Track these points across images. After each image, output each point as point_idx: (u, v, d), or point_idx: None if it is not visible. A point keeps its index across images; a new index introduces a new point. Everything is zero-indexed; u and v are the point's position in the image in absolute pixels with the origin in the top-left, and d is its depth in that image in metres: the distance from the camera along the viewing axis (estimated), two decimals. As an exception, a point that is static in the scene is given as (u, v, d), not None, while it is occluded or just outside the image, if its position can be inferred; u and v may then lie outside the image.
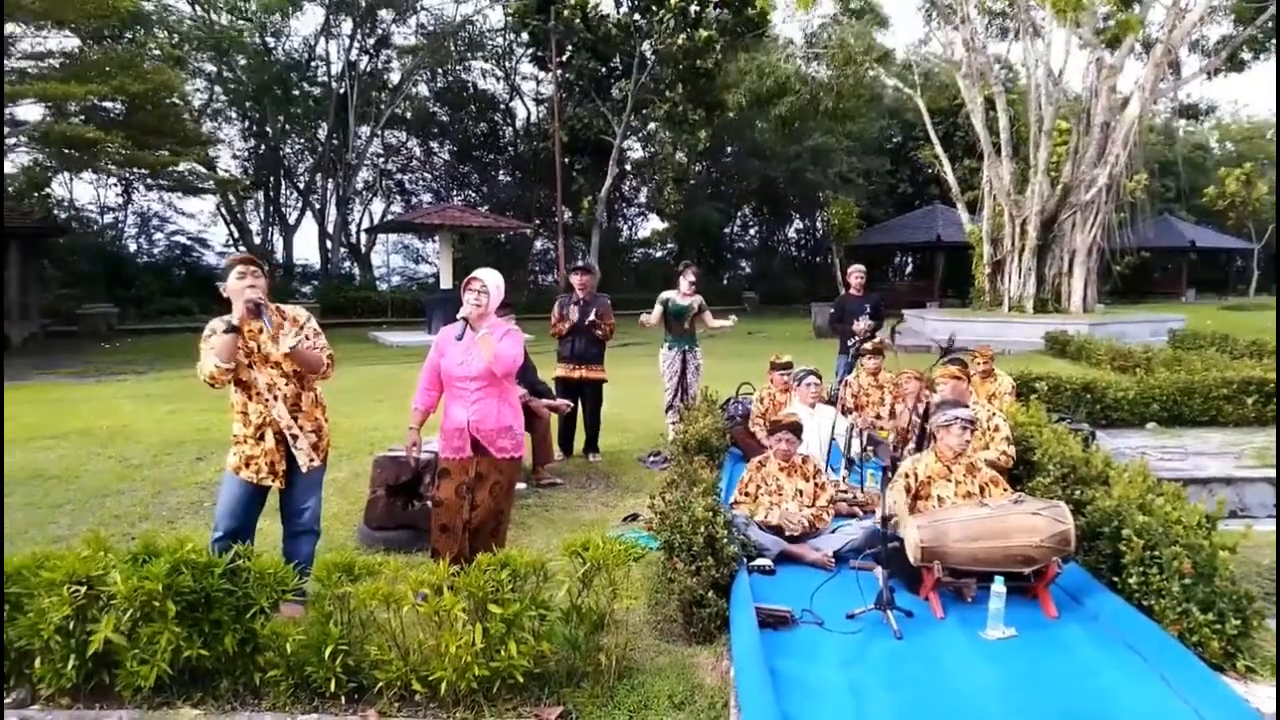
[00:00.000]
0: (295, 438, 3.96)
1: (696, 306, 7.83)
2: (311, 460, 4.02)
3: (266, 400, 3.91)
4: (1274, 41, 22.43)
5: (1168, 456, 7.22)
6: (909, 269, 41.15)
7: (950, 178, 22.35)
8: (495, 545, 3.89)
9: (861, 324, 8.52)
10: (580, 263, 8.48)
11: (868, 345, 7.70)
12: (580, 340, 7.33)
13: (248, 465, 3.96)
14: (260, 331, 3.91)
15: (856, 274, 9.29)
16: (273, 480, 3.97)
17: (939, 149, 22.42)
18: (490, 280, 4.23)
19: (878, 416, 7.21)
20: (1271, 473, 6.63)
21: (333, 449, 7.88)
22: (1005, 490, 4.49)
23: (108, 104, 20.35)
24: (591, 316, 7.28)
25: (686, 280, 7.84)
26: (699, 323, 7.94)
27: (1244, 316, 23.63)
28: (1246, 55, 22.85)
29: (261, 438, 3.95)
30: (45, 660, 3.27)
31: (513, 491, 4.36)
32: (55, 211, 25.05)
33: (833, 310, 9.60)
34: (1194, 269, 37.42)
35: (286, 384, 3.96)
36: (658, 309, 7.88)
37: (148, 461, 7.40)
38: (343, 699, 3.27)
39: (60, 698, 3.30)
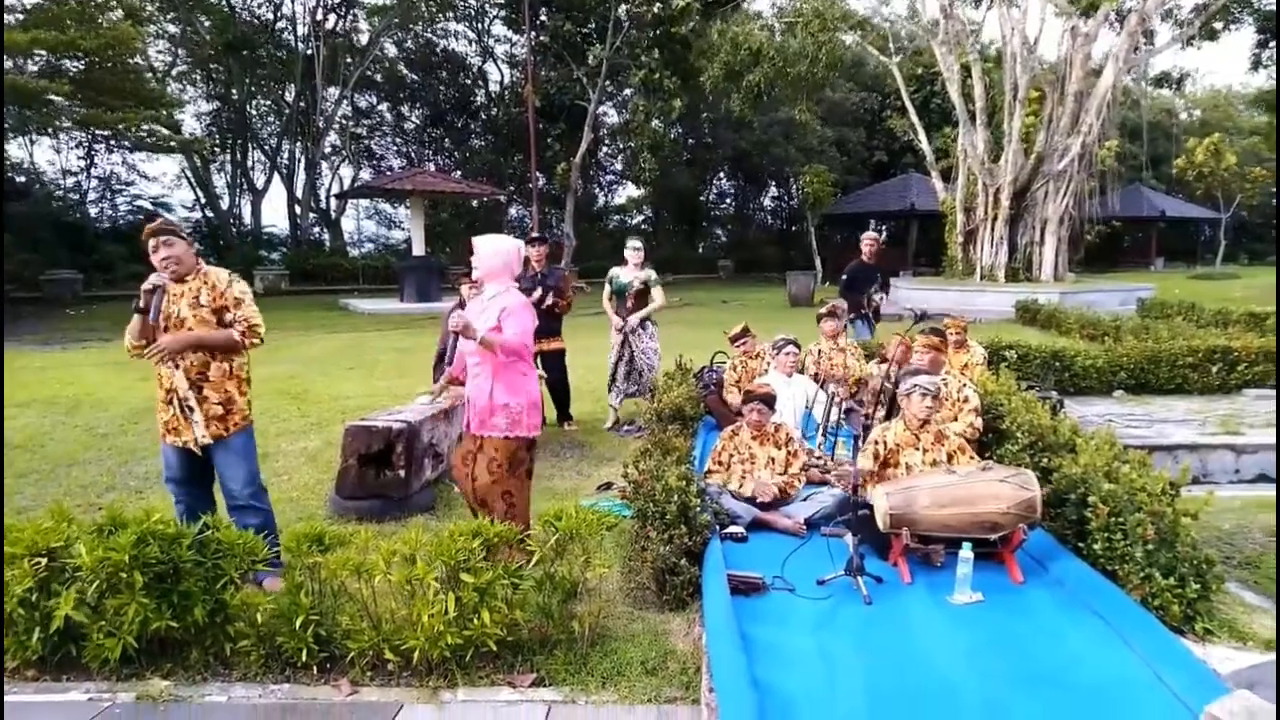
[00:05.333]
0: (191, 409, 3.86)
1: (639, 283, 7.38)
2: (204, 436, 3.88)
3: (170, 365, 3.83)
4: (1246, 11, 22.57)
5: (1134, 424, 7.33)
6: (883, 237, 41.23)
7: (925, 146, 22.38)
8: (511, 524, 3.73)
9: (875, 296, 8.48)
10: (534, 234, 8.19)
11: (823, 309, 7.66)
12: (537, 314, 7.16)
13: (166, 430, 3.93)
14: (181, 297, 3.84)
15: (870, 241, 9.07)
16: (192, 445, 3.90)
17: (914, 117, 22.42)
18: (481, 247, 4.13)
19: (845, 382, 7.20)
20: (1234, 439, 6.77)
21: (304, 418, 7.88)
22: (973, 458, 4.55)
23: (64, 61, 19.70)
24: (550, 299, 7.00)
25: (630, 248, 7.44)
26: (645, 303, 7.45)
27: (1211, 286, 24.01)
28: (1218, 24, 23.01)
29: (170, 402, 3.89)
30: (9, 633, 3.24)
31: (517, 471, 4.14)
32: (11, 174, 24.36)
33: (844, 277, 9.34)
34: (1163, 238, 37.87)
35: (193, 352, 3.85)
36: (606, 288, 7.54)
37: (114, 430, 7.29)
38: (314, 669, 3.27)
39: (25, 670, 3.27)
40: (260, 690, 3.20)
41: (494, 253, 4.11)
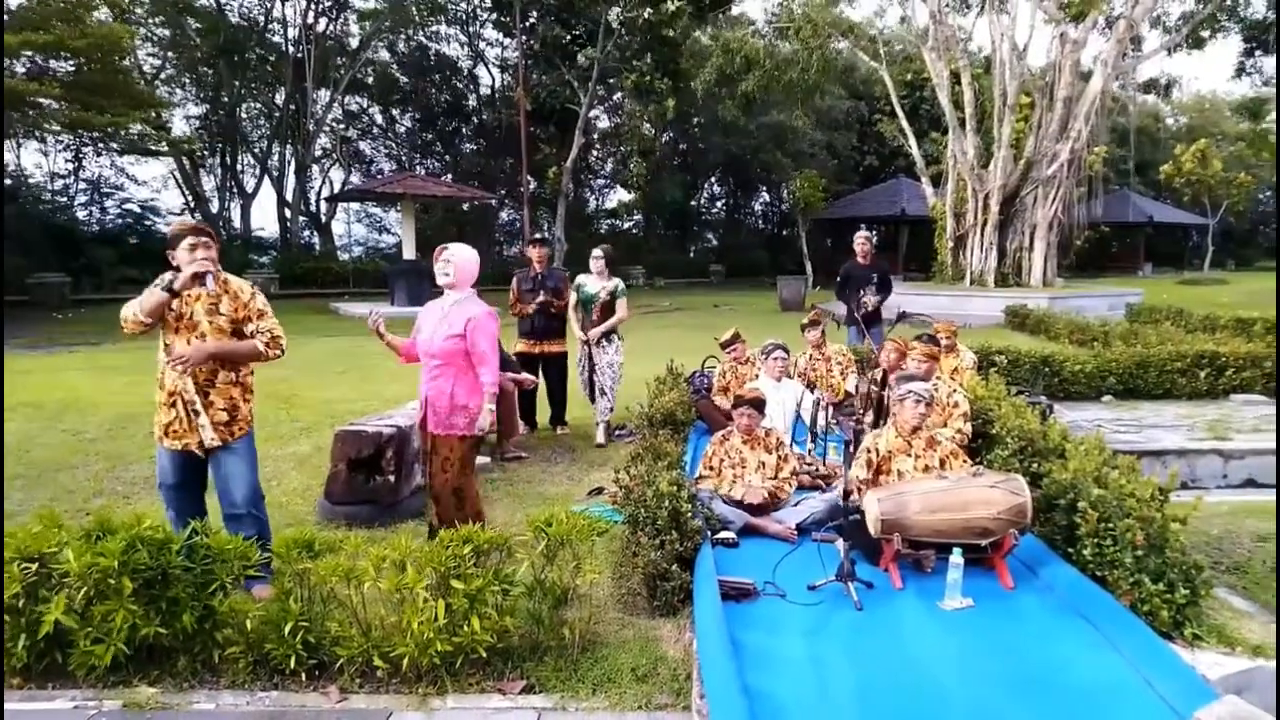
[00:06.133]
0: (197, 413, 3.84)
1: (606, 294, 7.12)
2: (214, 439, 3.87)
3: (178, 369, 3.80)
4: (1233, 20, 22.74)
5: (1123, 429, 7.37)
6: (873, 242, 41.40)
7: (915, 152, 22.48)
8: (458, 520, 3.85)
9: (870, 298, 8.39)
10: (536, 235, 8.12)
11: (805, 319, 7.67)
12: (539, 316, 7.11)
13: (166, 433, 3.88)
14: (197, 299, 3.80)
15: (861, 241, 8.96)
16: (195, 448, 3.87)
17: (904, 123, 22.51)
18: (457, 253, 4.24)
19: (830, 389, 7.22)
20: (1222, 445, 6.81)
21: (294, 422, 7.85)
22: (965, 463, 4.56)
23: (52, 63, 19.57)
24: (553, 300, 7.03)
25: (593, 257, 7.18)
26: (611, 314, 7.18)
27: (1199, 291, 24.17)
28: (1204, 32, 23.19)
29: (173, 405, 3.86)
30: (-5, 640, 3.21)
31: (467, 469, 4.25)
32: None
33: (838, 278, 9.22)
34: (1151, 244, 38.11)
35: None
36: (573, 297, 7.27)
37: (102, 435, 7.24)
38: (303, 676, 3.24)
39: (11, 678, 3.24)
40: (248, 697, 3.18)
41: (470, 261, 4.27)
